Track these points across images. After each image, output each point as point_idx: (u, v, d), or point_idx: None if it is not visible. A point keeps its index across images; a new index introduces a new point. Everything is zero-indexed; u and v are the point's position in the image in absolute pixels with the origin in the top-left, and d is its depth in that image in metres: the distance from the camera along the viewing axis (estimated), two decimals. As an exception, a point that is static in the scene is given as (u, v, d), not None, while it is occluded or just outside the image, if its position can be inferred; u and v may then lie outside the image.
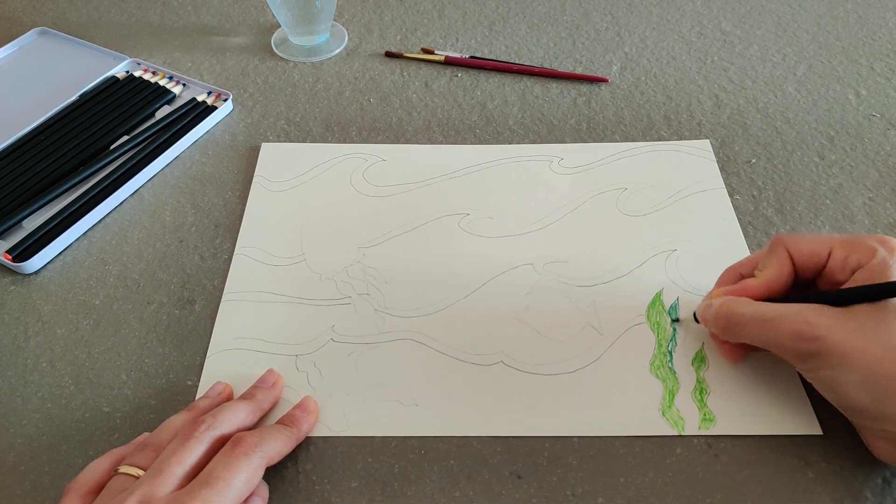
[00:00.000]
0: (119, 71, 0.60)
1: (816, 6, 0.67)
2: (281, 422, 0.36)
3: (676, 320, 0.42)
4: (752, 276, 0.37)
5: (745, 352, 0.38)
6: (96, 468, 0.33)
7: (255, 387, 0.38)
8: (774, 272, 0.36)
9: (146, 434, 0.36)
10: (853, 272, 0.34)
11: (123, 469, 0.32)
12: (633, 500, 0.35)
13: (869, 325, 0.31)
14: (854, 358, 0.31)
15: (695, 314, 0.40)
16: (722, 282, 0.40)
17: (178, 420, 0.35)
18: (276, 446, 0.34)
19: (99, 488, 0.32)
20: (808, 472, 0.35)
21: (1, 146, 0.52)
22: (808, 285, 0.37)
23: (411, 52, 0.62)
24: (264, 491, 0.34)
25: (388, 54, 0.62)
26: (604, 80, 0.59)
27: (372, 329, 0.42)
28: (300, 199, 0.50)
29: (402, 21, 0.66)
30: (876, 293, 0.32)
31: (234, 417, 0.35)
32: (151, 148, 0.52)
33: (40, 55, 0.62)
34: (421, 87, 0.59)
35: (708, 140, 0.53)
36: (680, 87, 0.58)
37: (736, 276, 0.39)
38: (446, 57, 0.61)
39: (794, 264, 0.36)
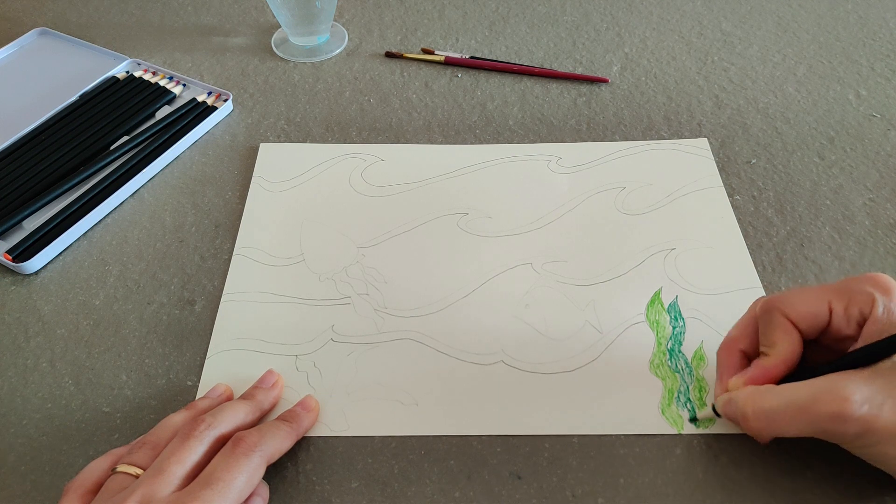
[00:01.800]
0: (119, 71, 0.60)
1: (817, 6, 0.67)
2: (281, 418, 0.36)
3: (694, 419, 0.37)
4: (758, 352, 0.35)
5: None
6: (95, 468, 0.33)
7: (254, 387, 0.38)
8: (786, 347, 0.33)
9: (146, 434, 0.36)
10: (858, 325, 0.32)
11: (122, 468, 0.32)
12: (633, 501, 0.35)
13: None
14: (892, 431, 0.29)
15: (714, 408, 0.36)
16: (724, 364, 0.36)
17: (176, 418, 0.35)
18: (275, 443, 0.34)
19: (98, 488, 0.32)
20: (808, 473, 0.35)
21: (1, 146, 0.52)
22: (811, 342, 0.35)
23: (411, 53, 0.62)
24: (265, 491, 0.34)
25: (389, 55, 0.62)
26: (604, 81, 0.59)
27: (371, 329, 0.42)
28: (299, 200, 0.50)
29: (402, 21, 0.66)
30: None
31: (234, 417, 0.35)
32: (151, 148, 0.52)
33: (40, 55, 0.62)
34: (421, 87, 0.59)
35: (706, 138, 0.53)
36: (680, 87, 0.58)
37: (737, 356, 0.36)
38: (446, 57, 0.61)
39: (799, 330, 0.34)
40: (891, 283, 0.33)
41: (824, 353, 0.35)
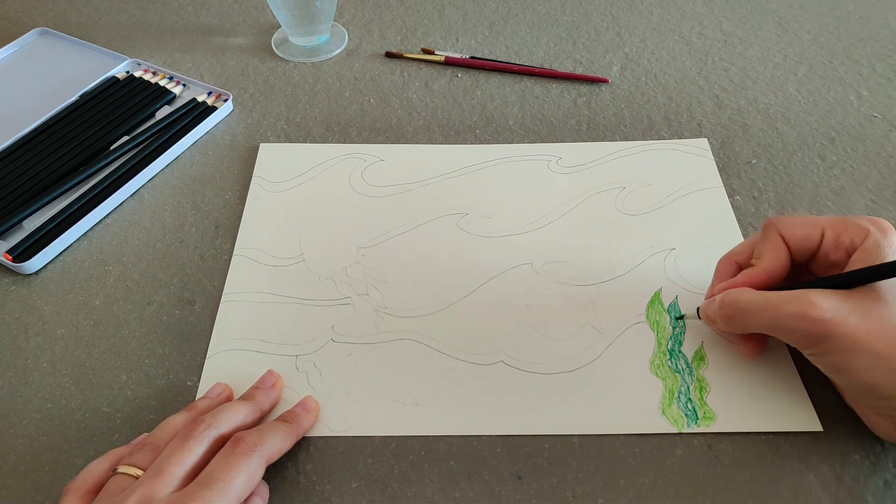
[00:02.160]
0: (119, 71, 0.60)
1: (818, 7, 0.67)
2: (281, 418, 0.36)
3: (680, 317, 0.42)
4: (750, 264, 0.37)
5: (760, 345, 0.38)
6: (96, 468, 0.33)
7: (254, 387, 0.38)
8: (772, 259, 0.36)
9: (146, 435, 0.36)
10: (847, 252, 0.34)
11: (122, 469, 0.32)
12: (633, 501, 0.35)
13: (872, 308, 0.32)
14: (862, 340, 0.31)
15: (698, 311, 0.40)
16: (719, 272, 0.39)
17: (177, 420, 0.35)
18: (275, 444, 0.34)
19: (98, 488, 0.32)
20: (808, 473, 0.35)
21: (1, 146, 0.52)
22: (803, 269, 0.37)
23: (411, 53, 0.62)
24: (265, 491, 0.34)
25: (389, 55, 0.62)
26: (604, 81, 0.59)
27: (371, 329, 0.42)
28: (299, 200, 0.50)
29: (402, 21, 0.66)
30: (879, 273, 0.32)
31: (234, 417, 0.35)
32: (151, 148, 0.52)
33: (40, 55, 0.62)
34: (421, 87, 0.59)
35: (705, 138, 0.53)
36: (680, 87, 0.58)
37: (732, 266, 0.39)
38: (446, 57, 0.61)
39: (789, 248, 0.36)
40: (888, 225, 0.34)
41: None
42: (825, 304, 0.32)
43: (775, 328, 0.34)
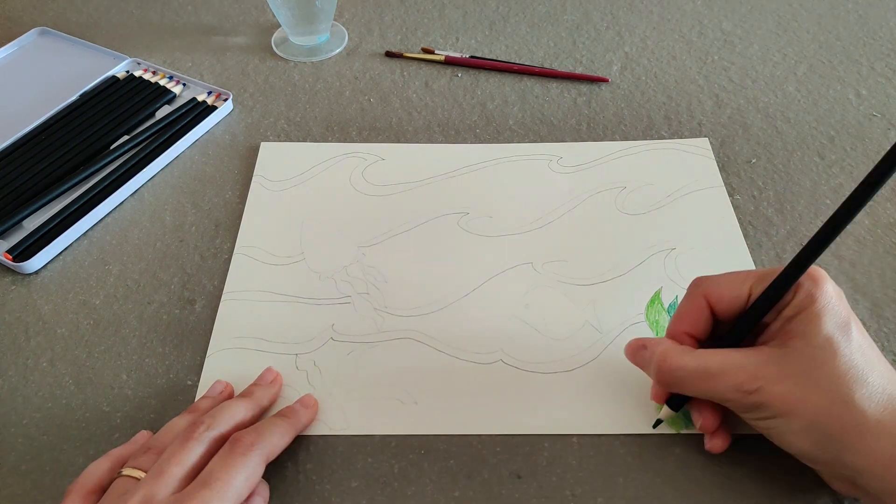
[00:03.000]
0: (119, 71, 0.60)
1: (817, 6, 0.67)
2: (279, 414, 0.37)
3: (658, 422, 0.38)
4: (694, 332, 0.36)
5: (726, 441, 0.36)
6: (96, 469, 0.33)
7: (254, 384, 0.38)
8: (692, 322, 0.35)
9: (144, 432, 0.36)
10: (777, 310, 0.33)
11: (127, 471, 0.32)
12: (633, 501, 0.35)
13: (808, 370, 0.31)
14: (795, 407, 0.31)
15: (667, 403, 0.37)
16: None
17: (180, 422, 0.35)
18: (273, 441, 0.34)
19: (99, 488, 0.32)
20: (806, 473, 0.35)
21: (1, 146, 0.52)
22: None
23: (411, 52, 0.62)
24: (265, 490, 0.34)
25: (389, 54, 0.62)
26: (604, 80, 0.59)
27: (371, 328, 0.42)
28: (300, 199, 0.50)
29: (402, 21, 0.66)
30: (753, 316, 0.33)
31: (233, 416, 0.35)
32: (151, 148, 0.52)
33: (40, 55, 0.62)
34: (421, 87, 0.59)
35: (706, 138, 0.53)
36: (680, 86, 0.58)
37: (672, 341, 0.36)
38: (447, 57, 0.61)
39: (711, 308, 0.35)
40: (822, 274, 0.33)
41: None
42: (762, 373, 0.31)
43: (713, 398, 0.34)
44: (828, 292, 0.32)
